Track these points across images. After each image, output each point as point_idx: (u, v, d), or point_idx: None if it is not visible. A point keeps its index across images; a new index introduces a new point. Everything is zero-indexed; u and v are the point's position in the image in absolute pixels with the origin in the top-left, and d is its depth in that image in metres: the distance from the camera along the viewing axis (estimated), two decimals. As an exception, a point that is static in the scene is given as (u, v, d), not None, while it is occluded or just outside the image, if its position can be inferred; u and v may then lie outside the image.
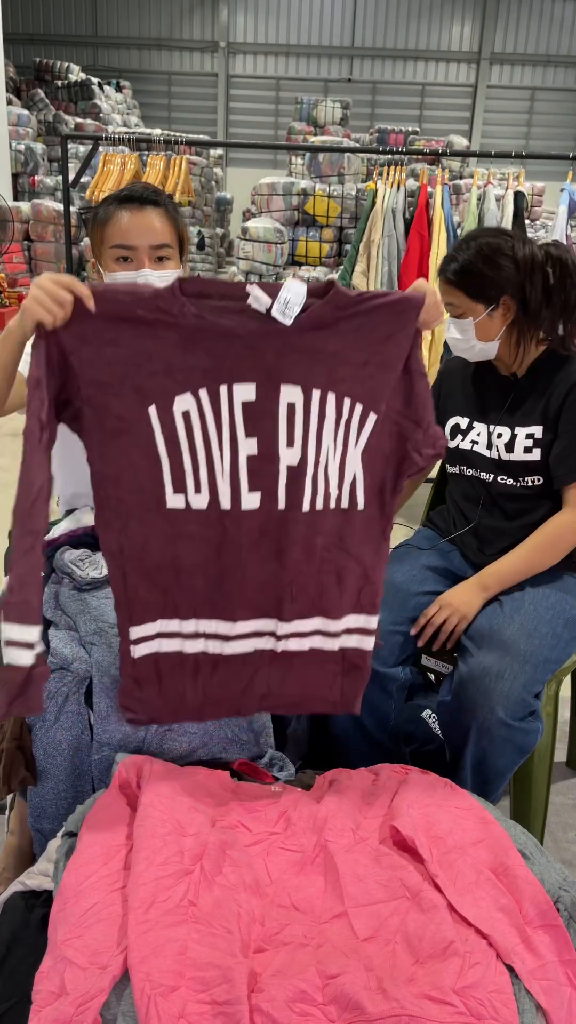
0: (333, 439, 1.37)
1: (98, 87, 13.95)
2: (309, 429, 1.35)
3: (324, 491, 1.39)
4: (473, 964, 1.09)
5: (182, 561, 1.37)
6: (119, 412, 1.30)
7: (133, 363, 1.28)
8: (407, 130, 14.15)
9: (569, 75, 17.98)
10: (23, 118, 10.65)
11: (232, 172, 16.41)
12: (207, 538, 1.37)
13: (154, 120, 17.20)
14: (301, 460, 1.36)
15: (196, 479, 1.35)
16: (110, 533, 1.35)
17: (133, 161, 4.27)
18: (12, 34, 13.39)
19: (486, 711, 1.58)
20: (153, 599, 1.39)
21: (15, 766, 1.50)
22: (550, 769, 1.79)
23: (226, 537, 1.37)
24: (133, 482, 1.33)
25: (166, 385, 1.30)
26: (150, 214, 1.65)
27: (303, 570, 1.41)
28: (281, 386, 1.33)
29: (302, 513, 1.38)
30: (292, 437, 1.35)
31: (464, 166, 12.07)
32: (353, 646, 1.48)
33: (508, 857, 1.27)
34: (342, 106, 14.09)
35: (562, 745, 2.27)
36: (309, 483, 1.38)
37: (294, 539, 1.39)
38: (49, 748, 1.50)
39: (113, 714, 1.49)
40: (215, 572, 1.39)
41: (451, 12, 17.64)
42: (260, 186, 7.89)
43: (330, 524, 1.41)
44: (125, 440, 1.31)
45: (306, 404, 1.34)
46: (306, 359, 1.33)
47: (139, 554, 1.36)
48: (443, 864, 1.25)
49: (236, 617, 1.41)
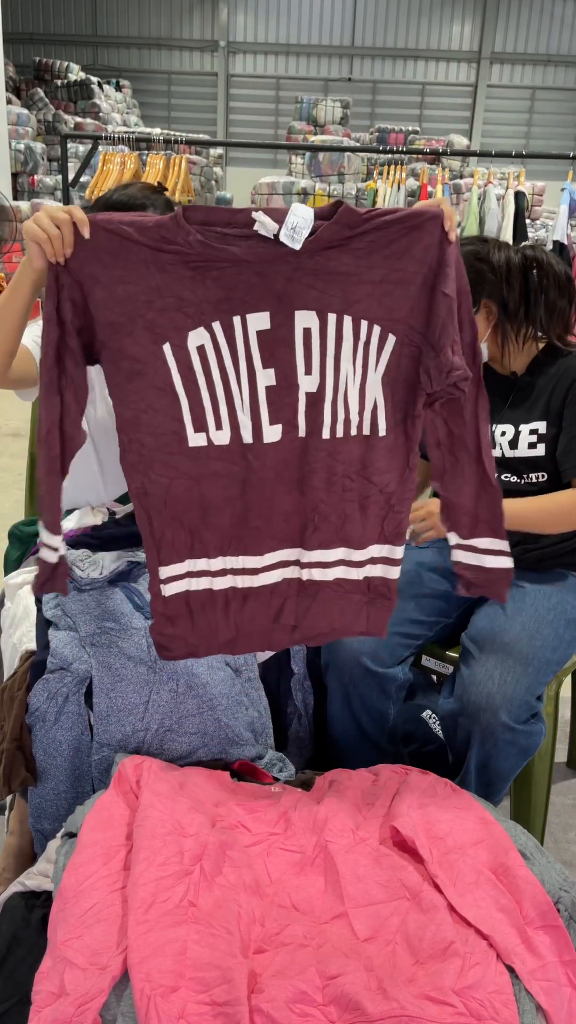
0: (352, 364, 1.35)
1: (98, 87, 13.95)
2: (327, 355, 1.33)
3: (344, 418, 1.36)
4: (473, 965, 1.09)
5: (208, 499, 1.36)
6: (134, 353, 1.29)
7: (144, 300, 1.27)
8: (407, 129, 14.15)
9: (569, 75, 17.98)
10: (23, 117, 10.65)
11: (232, 172, 16.40)
12: (231, 474, 1.36)
13: (154, 120, 17.19)
14: (320, 386, 1.34)
15: (216, 415, 1.33)
16: (135, 476, 1.35)
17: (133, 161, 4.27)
18: (12, 34, 13.39)
19: (489, 715, 1.57)
20: (180, 539, 1.38)
21: (15, 767, 1.49)
22: (550, 769, 1.79)
23: (250, 471, 1.36)
24: (153, 424, 1.32)
25: (178, 320, 1.29)
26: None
27: (324, 498, 1.39)
28: (295, 312, 1.31)
29: (322, 440, 1.36)
30: (310, 364, 1.33)
31: (464, 166, 12.07)
32: (378, 575, 1.46)
33: (508, 857, 1.27)
34: (342, 105, 14.09)
35: (562, 745, 2.27)
36: (328, 410, 1.36)
37: (314, 467, 1.37)
38: (49, 748, 1.49)
39: (113, 715, 1.48)
40: (241, 508, 1.38)
41: (451, 12, 17.64)
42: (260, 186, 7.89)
43: (351, 451, 1.38)
44: (142, 381, 1.31)
45: (322, 329, 1.32)
46: (319, 282, 1.30)
47: (164, 495, 1.35)
48: (443, 864, 1.25)
49: (263, 550, 1.41)
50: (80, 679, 1.51)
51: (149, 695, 1.50)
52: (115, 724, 1.48)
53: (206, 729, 1.52)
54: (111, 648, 1.51)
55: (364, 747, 1.75)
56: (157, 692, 1.50)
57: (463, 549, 1.50)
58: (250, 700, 1.60)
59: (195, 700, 1.51)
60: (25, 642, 1.62)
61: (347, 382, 1.35)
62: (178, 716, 1.50)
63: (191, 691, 1.51)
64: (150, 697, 1.50)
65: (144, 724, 1.49)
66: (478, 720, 1.58)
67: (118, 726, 1.48)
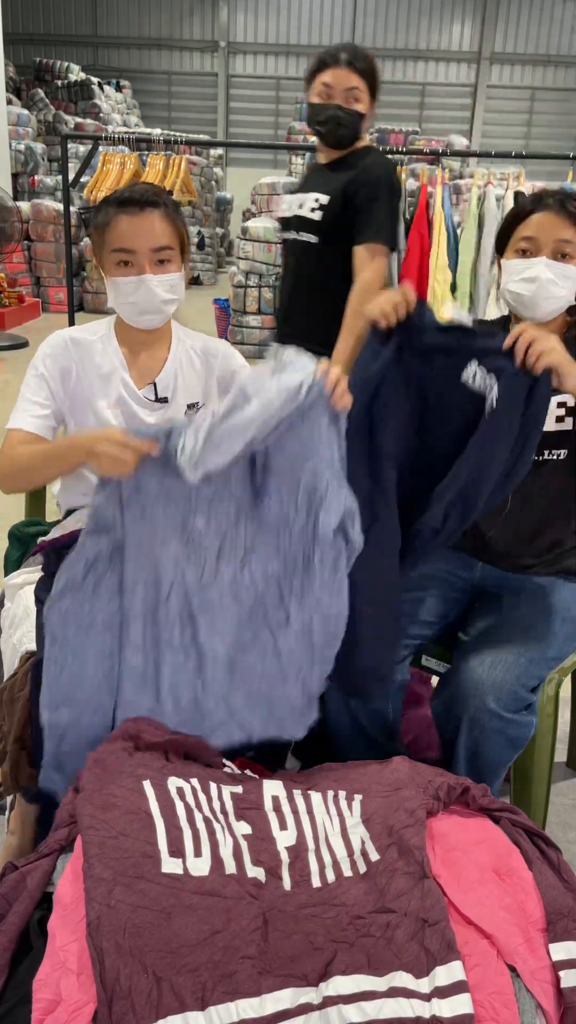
0: (327, 815, 1.33)
1: (98, 87, 13.95)
2: (299, 812, 1.33)
3: (332, 862, 1.26)
4: (474, 966, 1.09)
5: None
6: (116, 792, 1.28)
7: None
8: (407, 130, 14.14)
9: (569, 75, 17.97)
10: (23, 118, 10.64)
11: (232, 172, 16.39)
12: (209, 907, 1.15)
13: (154, 120, 17.18)
14: (299, 838, 1.29)
15: (196, 846, 1.24)
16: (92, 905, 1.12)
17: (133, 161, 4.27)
18: (12, 34, 13.36)
19: (477, 701, 1.57)
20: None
21: (20, 765, 1.50)
22: (550, 769, 1.79)
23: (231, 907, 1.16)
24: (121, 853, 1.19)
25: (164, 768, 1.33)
26: (150, 216, 1.63)
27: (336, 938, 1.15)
28: (263, 782, 1.35)
29: (314, 889, 1.22)
30: (283, 822, 1.31)
31: (464, 166, 12.07)
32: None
33: (511, 858, 1.27)
34: (342, 106, 14.06)
35: (562, 745, 2.27)
36: (313, 859, 1.26)
37: (309, 914, 1.18)
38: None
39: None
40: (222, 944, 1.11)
41: (451, 12, 17.64)
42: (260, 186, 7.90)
43: (351, 891, 1.22)
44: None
45: (289, 796, 1.34)
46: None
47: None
48: (446, 863, 1.25)
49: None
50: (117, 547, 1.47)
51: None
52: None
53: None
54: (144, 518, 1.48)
55: (363, 745, 1.75)
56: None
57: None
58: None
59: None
60: (25, 643, 1.62)
61: (326, 831, 1.31)
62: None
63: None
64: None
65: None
66: (467, 706, 1.58)
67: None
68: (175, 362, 1.78)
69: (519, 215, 1.70)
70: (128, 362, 1.76)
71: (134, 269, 1.64)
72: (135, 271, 1.64)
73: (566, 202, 1.65)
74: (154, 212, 1.63)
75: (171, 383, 1.77)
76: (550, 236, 1.64)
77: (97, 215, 1.66)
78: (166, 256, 1.65)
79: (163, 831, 1.22)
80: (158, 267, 1.65)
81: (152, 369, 1.77)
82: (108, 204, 1.66)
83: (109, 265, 1.66)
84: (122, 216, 1.62)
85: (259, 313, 7.62)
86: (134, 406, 1.75)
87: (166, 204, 1.66)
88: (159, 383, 1.76)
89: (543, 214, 1.66)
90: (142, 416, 1.75)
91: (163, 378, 1.77)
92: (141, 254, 1.63)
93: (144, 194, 1.65)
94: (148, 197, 1.64)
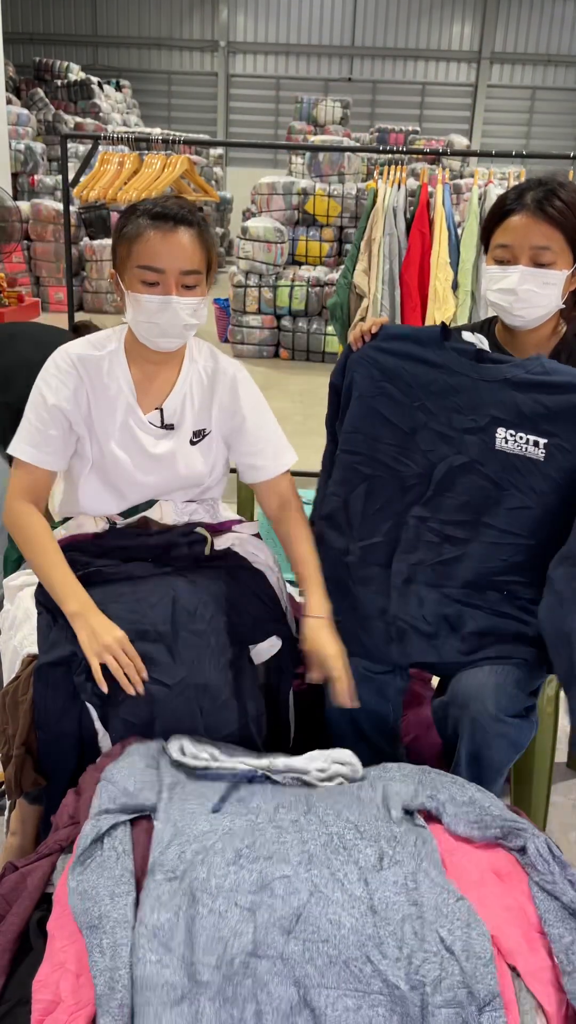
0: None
1: (98, 86, 13.95)
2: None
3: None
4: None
5: None
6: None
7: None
8: (407, 129, 14.15)
9: (569, 75, 17.97)
10: (23, 117, 10.65)
11: (232, 172, 16.39)
12: None
13: (154, 119, 17.18)
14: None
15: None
16: None
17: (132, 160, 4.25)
18: (12, 34, 13.36)
19: (478, 705, 1.56)
20: None
21: (25, 769, 1.50)
22: (550, 770, 1.79)
23: None
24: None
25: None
26: (183, 235, 1.55)
27: None
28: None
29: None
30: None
31: (465, 165, 12.07)
32: None
33: (512, 857, 1.27)
34: (342, 105, 14.08)
35: (562, 746, 2.27)
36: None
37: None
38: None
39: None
40: None
41: (451, 12, 17.64)
42: (260, 186, 7.89)
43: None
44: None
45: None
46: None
47: None
48: (446, 863, 1.24)
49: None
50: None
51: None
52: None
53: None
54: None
55: (363, 749, 1.74)
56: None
57: None
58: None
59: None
60: (27, 645, 1.61)
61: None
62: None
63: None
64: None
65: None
66: (467, 709, 1.57)
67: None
68: (184, 386, 1.72)
69: (499, 211, 1.63)
70: (136, 384, 1.69)
71: (159, 289, 1.56)
72: (160, 291, 1.56)
73: (545, 201, 1.56)
74: (188, 231, 1.56)
75: (178, 409, 1.72)
76: (526, 243, 1.58)
77: (125, 224, 1.58)
78: (193, 281, 1.58)
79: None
80: (184, 290, 1.57)
81: (160, 392, 1.71)
82: (137, 215, 1.57)
83: (132, 280, 1.57)
84: (153, 232, 1.54)
85: (259, 313, 7.62)
86: (139, 432, 1.70)
87: (199, 224, 1.58)
88: (166, 409, 1.71)
89: (520, 216, 1.58)
90: (146, 443, 1.70)
91: (170, 404, 1.71)
92: (169, 274, 1.55)
93: (178, 211, 1.56)
94: (183, 215, 1.56)
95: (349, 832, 1.23)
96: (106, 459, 1.70)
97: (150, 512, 1.78)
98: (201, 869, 1.15)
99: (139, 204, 1.60)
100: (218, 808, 1.29)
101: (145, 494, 1.78)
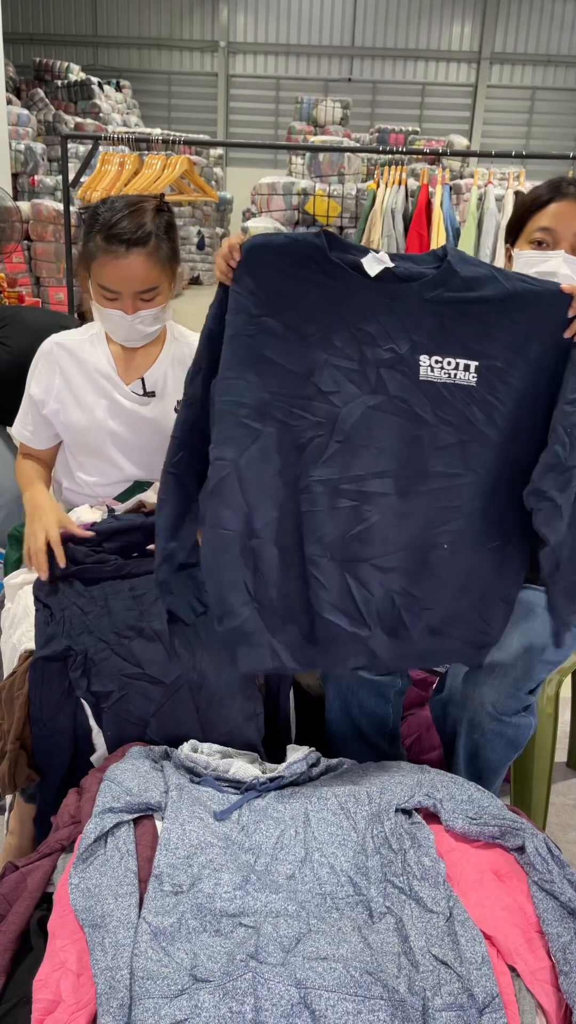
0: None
1: (98, 87, 13.94)
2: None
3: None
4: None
5: None
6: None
7: None
8: (407, 130, 14.15)
9: (569, 75, 17.97)
10: (23, 118, 10.64)
11: (232, 172, 16.38)
12: None
13: (154, 120, 17.17)
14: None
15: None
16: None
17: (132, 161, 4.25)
18: (12, 34, 13.36)
19: (476, 704, 1.56)
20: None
21: (19, 765, 1.50)
22: (550, 769, 1.79)
23: None
24: None
25: None
26: (135, 260, 1.62)
27: None
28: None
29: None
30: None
31: (464, 166, 12.07)
32: None
33: (510, 857, 1.27)
34: (342, 106, 14.08)
35: (562, 745, 2.27)
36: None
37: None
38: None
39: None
40: None
41: (451, 12, 17.63)
42: (260, 186, 7.89)
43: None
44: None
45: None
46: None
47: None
48: (447, 862, 1.24)
49: None
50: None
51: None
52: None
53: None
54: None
55: (364, 751, 1.74)
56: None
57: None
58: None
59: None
60: (25, 642, 1.62)
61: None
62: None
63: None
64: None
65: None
66: (466, 708, 1.57)
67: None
68: (167, 358, 1.83)
69: (535, 202, 1.62)
70: (116, 360, 1.82)
71: (119, 304, 1.68)
72: (119, 306, 1.68)
73: None
74: (140, 254, 1.62)
75: (160, 379, 1.83)
76: (569, 228, 1.57)
77: (88, 236, 1.66)
78: (151, 295, 1.68)
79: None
80: (143, 303, 1.69)
81: (142, 366, 1.83)
82: (96, 228, 1.63)
83: (96, 295, 1.69)
84: (106, 257, 1.62)
85: (259, 313, 7.60)
86: (123, 401, 1.80)
87: (157, 236, 1.64)
88: (147, 378, 1.82)
89: (562, 203, 1.57)
90: (132, 409, 1.81)
91: (152, 373, 1.82)
92: (125, 295, 1.66)
93: (131, 232, 1.61)
94: (136, 236, 1.61)
95: (342, 890, 1.20)
96: (92, 428, 1.81)
97: (144, 495, 1.84)
98: (207, 883, 1.16)
99: (99, 211, 1.65)
100: (223, 818, 1.30)
101: (139, 462, 1.86)
